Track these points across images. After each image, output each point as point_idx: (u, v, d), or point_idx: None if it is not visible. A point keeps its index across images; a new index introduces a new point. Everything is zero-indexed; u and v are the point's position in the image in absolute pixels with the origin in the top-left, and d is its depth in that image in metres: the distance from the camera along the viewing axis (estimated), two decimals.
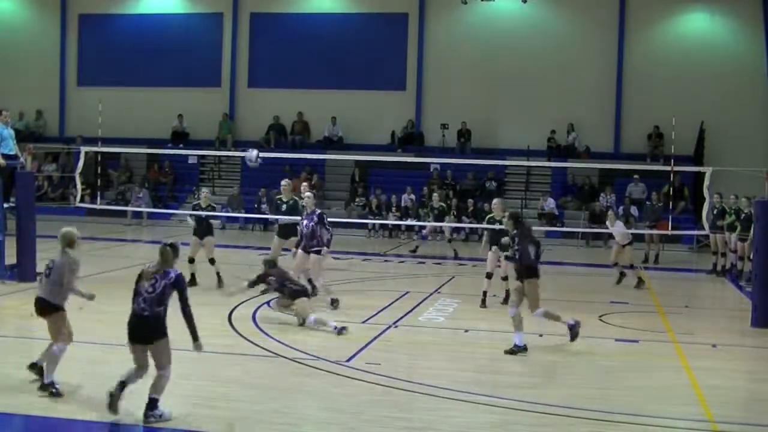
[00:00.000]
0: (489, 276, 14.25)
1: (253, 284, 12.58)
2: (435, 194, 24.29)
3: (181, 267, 8.45)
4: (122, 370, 9.41)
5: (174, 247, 8.22)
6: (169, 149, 27.48)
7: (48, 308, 8.86)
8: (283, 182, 15.87)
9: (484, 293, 14.20)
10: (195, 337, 8.13)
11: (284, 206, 15.34)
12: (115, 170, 29.72)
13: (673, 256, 23.28)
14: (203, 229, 15.59)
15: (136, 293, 8.08)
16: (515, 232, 11.37)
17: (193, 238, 15.58)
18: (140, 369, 8.15)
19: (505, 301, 13.83)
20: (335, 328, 11.84)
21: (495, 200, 14.87)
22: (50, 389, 8.55)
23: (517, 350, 10.85)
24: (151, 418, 7.87)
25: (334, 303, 13.60)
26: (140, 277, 8.15)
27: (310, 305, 12.46)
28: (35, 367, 8.89)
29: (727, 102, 27.62)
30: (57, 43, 32.32)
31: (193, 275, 15.02)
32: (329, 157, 27.46)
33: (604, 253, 24.06)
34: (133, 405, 8.28)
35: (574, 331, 11.28)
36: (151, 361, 8.13)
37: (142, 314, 7.99)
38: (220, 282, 15.23)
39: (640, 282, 17.14)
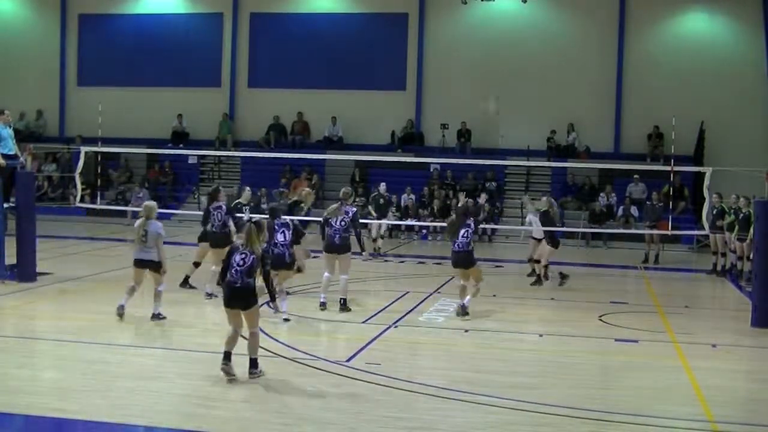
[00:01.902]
0: (530, 260, 17.24)
1: None
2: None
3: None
4: (123, 370, 9.45)
5: (258, 225, 9.30)
6: (169, 149, 27.42)
7: (155, 265, 11.68)
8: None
9: (533, 271, 17.07)
10: (272, 297, 9.72)
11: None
12: (115, 170, 29.69)
13: (673, 256, 23.25)
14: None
15: (230, 266, 9.10)
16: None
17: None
18: (235, 332, 9.12)
19: (536, 282, 16.66)
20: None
21: (543, 198, 17.59)
22: (160, 317, 11.49)
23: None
24: (253, 375, 9.04)
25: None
26: (231, 252, 9.19)
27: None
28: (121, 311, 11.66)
29: (727, 102, 27.58)
30: (57, 43, 32.28)
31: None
32: (329, 157, 27.41)
33: (604, 253, 24.13)
34: (132, 404, 8.30)
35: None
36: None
37: (234, 285, 9.09)
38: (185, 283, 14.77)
39: (538, 280, 16.68)
